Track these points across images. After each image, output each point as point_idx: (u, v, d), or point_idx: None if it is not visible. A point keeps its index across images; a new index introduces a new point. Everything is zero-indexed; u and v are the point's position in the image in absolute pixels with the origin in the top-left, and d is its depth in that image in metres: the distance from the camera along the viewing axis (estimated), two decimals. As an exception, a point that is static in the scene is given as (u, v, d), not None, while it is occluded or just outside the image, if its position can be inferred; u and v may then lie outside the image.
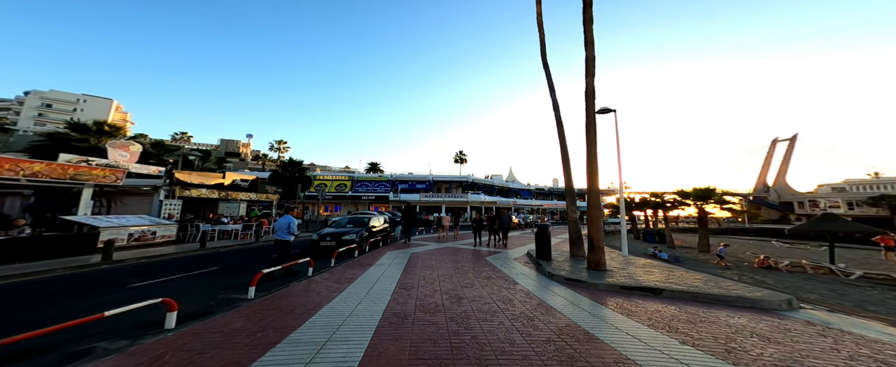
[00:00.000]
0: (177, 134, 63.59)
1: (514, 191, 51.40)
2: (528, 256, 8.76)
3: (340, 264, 7.17)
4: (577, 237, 7.78)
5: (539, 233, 7.44)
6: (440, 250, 9.72)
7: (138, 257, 7.30)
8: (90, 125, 20.19)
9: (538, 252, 7.50)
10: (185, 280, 5.72)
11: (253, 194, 17.20)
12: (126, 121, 62.77)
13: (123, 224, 8.09)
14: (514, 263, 7.61)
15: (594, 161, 6.32)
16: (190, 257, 8.12)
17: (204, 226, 11.33)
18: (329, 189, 40.17)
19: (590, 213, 6.55)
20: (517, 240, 13.67)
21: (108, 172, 8.59)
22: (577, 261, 7.19)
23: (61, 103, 54.32)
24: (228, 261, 7.74)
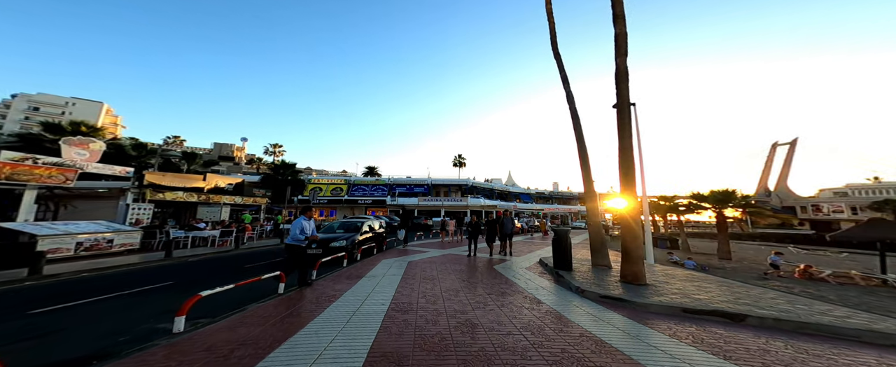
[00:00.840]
0: (169, 137, 62.20)
1: (514, 195, 50.46)
2: (542, 265, 7.65)
3: (325, 275, 6.02)
4: (600, 245, 6.69)
5: (558, 239, 6.35)
6: (441, 258, 8.58)
7: (80, 271, 6.07)
8: (65, 125, 18.95)
9: (557, 261, 6.40)
10: (116, 302, 4.53)
11: (238, 198, 15.98)
12: (117, 124, 61.26)
13: (70, 231, 6.88)
14: (526, 273, 6.50)
15: (629, 156, 5.30)
16: (146, 269, 6.88)
17: (175, 232, 10.09)
18: (324, 193, 38.85)
19: (625, 218, 5.47)
20: (522, 246, 12.54)
21: (55, 171, 7.39)
22: (601, 271, 6.10)
23: (49, 106, 52.91)
24: (189, 274, 6.52)
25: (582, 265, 6.79)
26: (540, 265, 7.75)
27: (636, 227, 5.13)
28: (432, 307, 4.02)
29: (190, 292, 4.76)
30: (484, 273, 6.47)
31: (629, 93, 5.52)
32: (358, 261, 8.05)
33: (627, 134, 5.33)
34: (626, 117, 5.39)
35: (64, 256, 6.74)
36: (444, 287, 5.20)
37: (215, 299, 3.73)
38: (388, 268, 6.93)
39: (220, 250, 10.17)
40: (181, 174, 13.28)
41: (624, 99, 5.46)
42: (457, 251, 10.08)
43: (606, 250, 6.74)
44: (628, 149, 5.31)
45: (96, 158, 9.64)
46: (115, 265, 6.77)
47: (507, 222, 9.41)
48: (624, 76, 5.47)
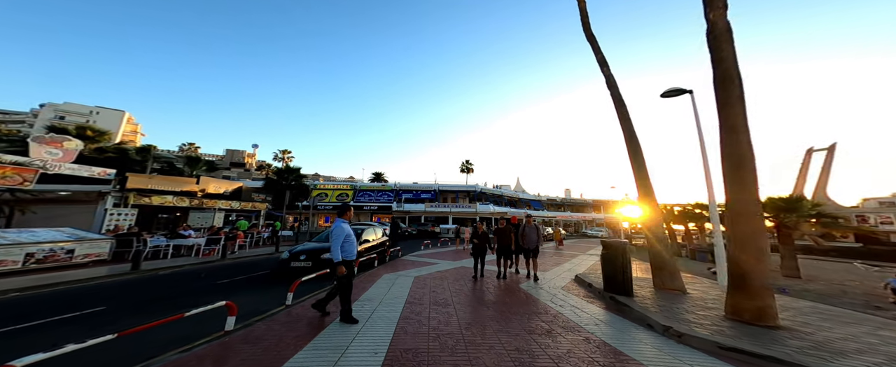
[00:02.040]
0: (184, 144, 63.81)
1: (525, 202, 48.42)
2: (582, 284, 6.07)
3: (307, 297, 4.67)
4: (665, 261, 5.08)
5: (612, 255, 4.80)
6: (454, 273, 7.11)
7: (21, 289, 4.92)
8: (71, 129, 18.73)
9: (610, 283, 4.83)
10: None
11: (236, 204, 15.05)
12: (137, 132, 63.55)
13: (19, 240, 5.85)
14: (568, 298, 4.97)
15: (740, 140, 3.60)
16: (99, 286, 5.70)
17: (155, 240, 9.04)
18: (330, 198, 38.06)
19: (738, 225, 3.74)
20: (539, 258, 10.90)
21: (9, 170, 6.48)
22: (675, 299, 4.51)
23: (74, 115, 55.28)
24: (140, 294, 5.27)
25: (642, 288, 5.18)
26: (577, 284, 6.16)
27: (759, 238, 3.41)
28: (450, 359, 2.58)
29: (103, 326, 3.49)
30: (511, 297, 4.97)
31: (735, 54, 3.87)
32: (354, 276, 6.68)
33: (738, 111, 3.65)
34: (729, 89, 3.73)
35: (8, 269, 5.68)
36: (462, 319, 3.75)
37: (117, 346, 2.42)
38: (389, 287, 5.52)
39: (204, 260, 9.02)
40: (171, 177, 12.47)
41: (728, 62, 3.81)
42: (471, 264, 8.61)
43: (676, 268, 5.11)
44: (740, 131, 3.61)
45: (71, 158, 8.82)
46: (68, 281, 5.63)
47: (530, 233, 6.59)
48: (725, 36, 3.88)
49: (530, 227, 6.67)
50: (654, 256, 5.28)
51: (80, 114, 55.88)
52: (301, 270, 6.67)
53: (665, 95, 6.71)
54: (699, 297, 4.72)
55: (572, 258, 11.46)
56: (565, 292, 5.40)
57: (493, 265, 7.40)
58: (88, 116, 55.98)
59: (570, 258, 11.39)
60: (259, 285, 6.16)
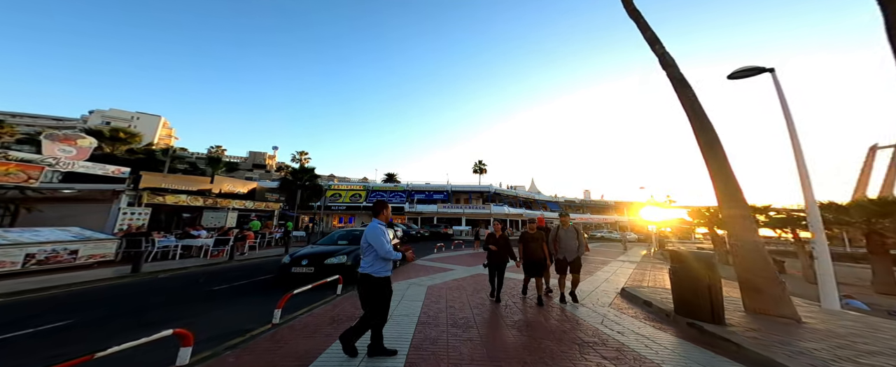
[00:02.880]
0: (212, 147, 67.70)
1: (541, 203, 46.37)
2: (633, 302, 4.90)
3: (298, 314, 3.91)
4: (767, 279, 3.80)
5: (689, 270, 3.63)
6: (472, 282, 6.14)
7: (14, 293, 4.58)
8: (105, 131, 19.74)
9: (687, 306, 3.66)
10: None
11: (249, 203, 15.00)
12: (171, 136, 68.46)
13: (19, 240, 5.65)
14: (623, 320, 3.88)
15: None
16: (85, 292, 5.30)
17: (165, 241, 8.84)
18: (343, 199, 38.34)
19: None
20: None
21: (13, 167, 6.39)
22: (787, 329, 3.28)
23: (118, 121, 60.33)
24: (122, 303, 4.76)
25: (729, 312, 3.93)
26: (627, 301, 4.98)
27: None
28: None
29: (62, 345, 2.88)
30: (547, 317, 3.94)
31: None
32: (389, 294, 5.91)
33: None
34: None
35: (8, 271, 5.46)
36: (492, 351, 2.80)
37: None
38: (398, 299, 4.67)
39: (211, 261, 8.69)
40: (186, 176, 12.55)
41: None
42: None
43: (784, 289, 3.81)
44: None
45: (85, 157, 8.88)
46: (61, 285, 5.31)
47: (567, 238, 4.71)
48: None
49: (567, 230, 4.81)
50: (746, 271, 4.00)
51: (123, 119, 60.95)
52: (303, 276, 5.99)
53: (736, 76, 5.37)
54: (825, 329, 3.42)
55: (604, 266, 10.09)
56: (617, 313, 4.28)
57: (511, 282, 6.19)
58: (130, 121, 60.94)
59: (601, 266, 10.03)
60: (257, 292, 5.55)
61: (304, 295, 4.20)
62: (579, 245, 4.82)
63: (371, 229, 2.68)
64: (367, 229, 2.72)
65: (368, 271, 2.61)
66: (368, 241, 2.63)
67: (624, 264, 10.59)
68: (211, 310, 4.40)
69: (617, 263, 11.11)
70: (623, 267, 9.93)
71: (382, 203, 2.89)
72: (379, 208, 2.88)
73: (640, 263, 11.57)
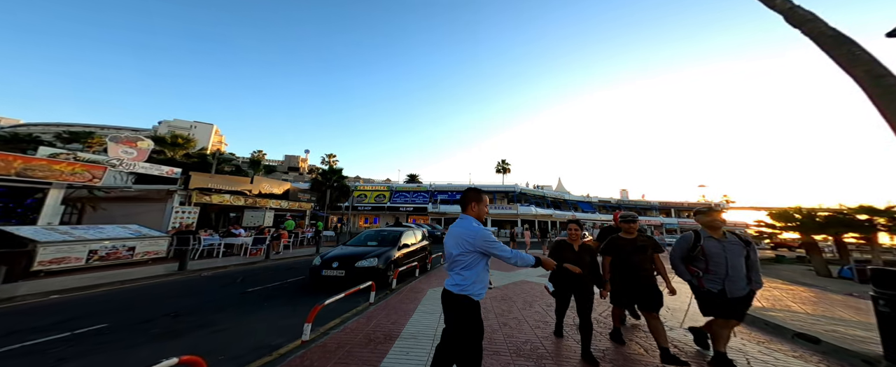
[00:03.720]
0: (254, 152, 74.53)
1: (571, 203, 43.34)
2: (780, 333, 3.65)
3: (326, 328, 3.42)
4: None
5: None
6: (518, 291, 5.27)
7: (48, 293, 4.79)
8: (167, 138, 22.12)
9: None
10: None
11: (284, 203, 15.63)
12: (222, 142, 76.95)
13: (84, 237, 6.09)
14: (791, 364, 2.70)
15: None
16: (134, 290, 5.41)
17: (209, 239, 9.25)
18: (369, 200, 39.39)
19: None
20: None
21: (79, 167, 6.98)
22: None
23: (179, 129, 69.36)
24: (163, 305, 4.70)
25: None
26: (759, 330, 3.74)
27: None
28: None
29: (96, 354, 2.64)
30: (639, 344, 2.93)
31: None
32: (392, 292, 5.36)
33: None
34: None
35: (73, 266, 5.89)
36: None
37: None
38: (440, 313, 3.98)
39: (250, 260, 8.88)
40: (229, 177, 13.37)
41: None
42: (536, 277, 6.63)
43: None
44: None
45: (144, 158, 9.71)
46: (114, 282, 5.55)
47: (732, 258, 2.43)
48: None
49: (726, 243, 2.51)
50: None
51: (183, 128, 69.79)
52: (334, 280, 5.63)
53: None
54: None
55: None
56: (761, 348, 3.12)
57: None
58: (188, 130, 69.69)
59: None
60: (289, 295, 5.28)
61: (337, 304, 3.72)
62: (753, 271, 2.46)
63: (473, 229, 1.77)
64: (460, 229, 1.82)
65: (467, 292, 1.74)
66: (478, 246, 1.72)
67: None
68: (242, 316, 4.13)
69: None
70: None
71: (476, 192, 1.96)
72: (471, 199, 1.91)
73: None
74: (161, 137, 21.61)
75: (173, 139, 22.64)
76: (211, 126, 73.78)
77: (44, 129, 18.84)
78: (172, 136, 23.22)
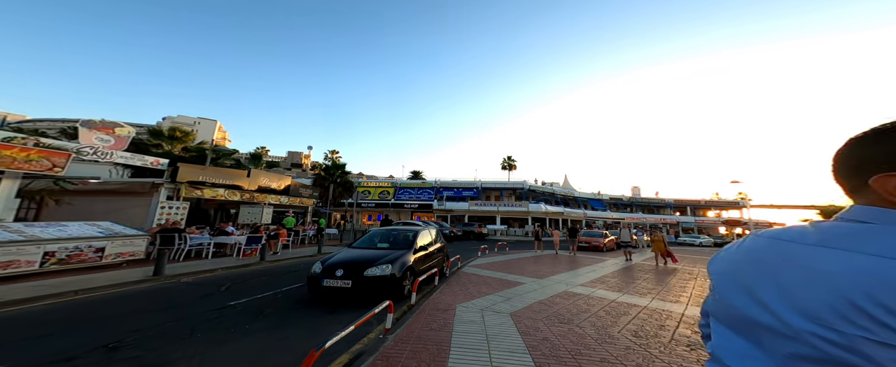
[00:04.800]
0: (258, 148, 74.28)
1: (581, 201, 41.76)
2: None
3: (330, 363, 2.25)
4: None
5: None
6: (568, 305, 4.07)
7: (17, 302, 3.74)
8: (164, 131, 21.14)
9: None
10: None
11: (285, 198, 14.59)
12: (225, 138, 76.82)
13: (37, 236, 5.03)
14: None
15: None
16: (82, 304, 4.33)
17: (198, 238, 8.21)
18: (372, 196, 38.43)
19: None
20: (659, 288, 6.96)
21: (33, 153, 5.85)
22: None
23: (184, 126, 69.27)
24: (116, 325, 3.61)
25: None
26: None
27: None
28: None
29: None
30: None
31: None
32: (411, 310, 4.21)
33: None
34: None
35: (23, 271, 4.84)
36: None
37: None
38: (481, 340, 2.80)
39: (242, 262, 7.83)
40: (223, 169, 12.36)
41: None
42: (579, 286, 5.43)
43: None
44: None
45: (123, 146, 8.65)
46: (70, 291, 4.45)
47: None
48: None
49: None
50: None
51: (187, 124, 69.64)
52: (338, 292, 4.49)
53: None
54: None
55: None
56: None
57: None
58: (192, 125, 69.63)
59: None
60: (280, 312, 4.15)
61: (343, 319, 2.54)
62: None
63: None
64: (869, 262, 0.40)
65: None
66: None
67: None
68: (211, 346, 3.00)
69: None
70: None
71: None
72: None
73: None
74: (157, 129, 20.62)
75: (171, 132, 21.59)
76: (214, 122, 73.67)
77: (50, 124, 18.46)
78: (170, 128, 22.21)
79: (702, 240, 29.19)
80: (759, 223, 38.65)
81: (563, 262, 9.89)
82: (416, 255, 5.56)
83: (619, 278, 7.13)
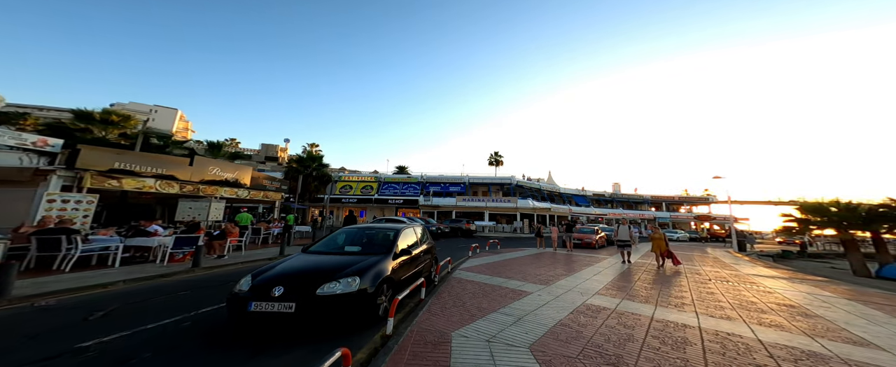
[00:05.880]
0: (227, 140, 67.56)
1: (567, 197, 42.22)
2: None
3: None
4: None
5: None
6: (598, 325, 2.89)
7: None
8: (95, 114, 17.63)
9: None
10: None
11: (243, 192, 12.36)
12: (188, 129, 68.99)
13: None
14: None
15: None
16: None
17: (101, 240, 6.15)
18: (354, 191, 35.99)
19: None
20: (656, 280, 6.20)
21: None
22: None
23: (137, 114, 60.97)
24: None
25: None
26: None
27: None
28: None
29: None
30: None
31: None
32: (387, 337, 2.82)
33: None
34: None
35: None
36: None
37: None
38: None
39: (166, 270, 5.93)
40: (152, 155, 9.89)
41: None
42: (595, 296, 4.33)
43: None
44: None
45: None
46: None
47: None
48: None
49: None
50: None
51: (142, 113, 61.40)
52: (272, 321, 2.98)
53: None
54: None
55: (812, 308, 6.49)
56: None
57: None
58: (148, 115, 61.45)
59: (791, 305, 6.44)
60: (164, 360, 2.55)
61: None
62: None
63: None
64: None
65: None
66: None
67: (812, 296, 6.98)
68: None
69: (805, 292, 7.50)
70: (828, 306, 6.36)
71: None
72: None
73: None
74: (85, 112, 17.05)
75: (105, 116, 18.09)
76: (175, 111, 65.56)
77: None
78: (104, 111, 18.60)
79: (679, 235, 30.32)
80: (726, 218, 41.34)
81: (560, 261, 8.93)
82: (397, 261, 4.14)
83: (632, 283, 6.19)
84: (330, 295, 3.07)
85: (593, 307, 4.23)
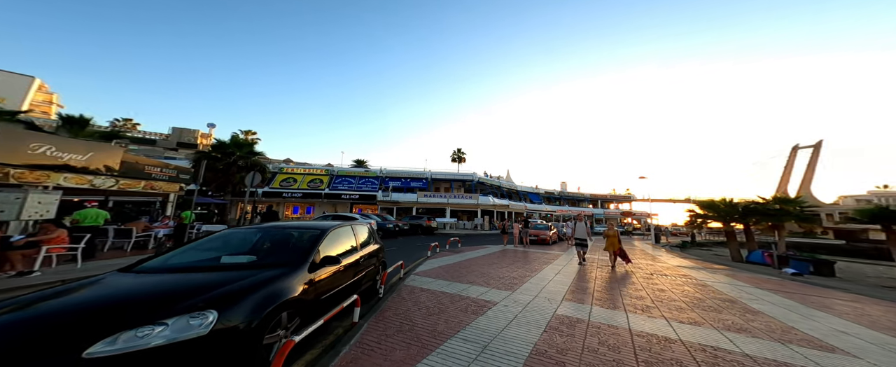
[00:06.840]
0: (118, 120, 51.36)
1: (523, 194, 44.80)
2: None
3: None
4: None
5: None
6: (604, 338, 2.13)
7: None
8: None
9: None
10: None
11: (102, 180, 8.67)
12: (51, 102, 50.28)
13: None
14: None
15: None
16: None
17: None
18: (300, 185, 31.27)
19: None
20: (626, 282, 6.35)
21: None
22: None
23: None
24: None
25: None
26: None
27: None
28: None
29: None
30: None
31: None
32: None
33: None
34: None
35: None
36: None
37: None
38: None
39: None
40: None
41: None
42: (549, 282, 3.71)
43: None
44: None
45: None
46: None
47: None
48: None
49: None
50: None
51: (-23, 80, 42.05)
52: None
53: None
54: None
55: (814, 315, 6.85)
56: None
57: None
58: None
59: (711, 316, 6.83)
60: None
61: None
62: None
63: None
64: None
65: None
66: None
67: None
68: None
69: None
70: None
71: None
72: None
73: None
74: None
75: None
76: (29, 79, 46.99)
77: None
78: None
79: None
80: (642, 214, 49.61)
81: (518, 259, 8.53)
82: (318, 273, 2.74)
83: (593, 283, 5.94)
84: (126, 353, 1.54)
85: (567, 319, 3.55)
